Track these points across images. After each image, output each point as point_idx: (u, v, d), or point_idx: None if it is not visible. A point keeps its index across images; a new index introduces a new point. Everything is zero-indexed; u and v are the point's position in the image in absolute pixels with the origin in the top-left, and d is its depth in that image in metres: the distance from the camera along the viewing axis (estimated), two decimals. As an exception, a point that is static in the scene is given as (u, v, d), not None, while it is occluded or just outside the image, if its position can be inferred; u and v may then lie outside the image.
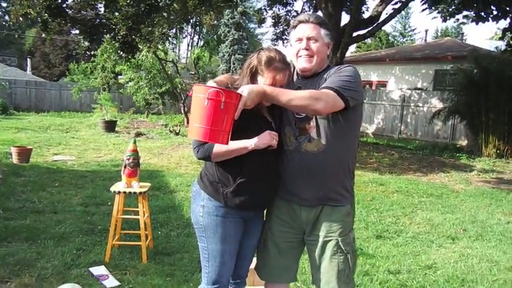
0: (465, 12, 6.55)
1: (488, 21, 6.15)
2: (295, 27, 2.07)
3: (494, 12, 6.17)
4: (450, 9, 6.20)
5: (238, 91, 1.74)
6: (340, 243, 2.01)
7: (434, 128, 13.35)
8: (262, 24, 15.20)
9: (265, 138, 1.88)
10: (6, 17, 37.02)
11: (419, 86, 15.62)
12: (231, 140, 1.77)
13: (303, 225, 2.06)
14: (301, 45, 2.01)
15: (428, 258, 3.89)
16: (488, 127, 10.52)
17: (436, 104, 13.12)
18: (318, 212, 2.02)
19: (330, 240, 2.01)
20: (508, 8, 5.90)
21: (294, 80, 2.10)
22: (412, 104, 14.22)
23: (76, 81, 20.60)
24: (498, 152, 10.32)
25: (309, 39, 2.00)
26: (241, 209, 2.01)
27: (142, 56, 15.32)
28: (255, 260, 2.27)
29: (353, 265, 2.08)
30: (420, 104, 13.98)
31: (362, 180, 7.12)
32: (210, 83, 1.87)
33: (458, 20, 7.85)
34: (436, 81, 14.92)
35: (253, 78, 1.95)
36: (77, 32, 11.99)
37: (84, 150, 9.28)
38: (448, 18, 6.50)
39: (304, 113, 1.95)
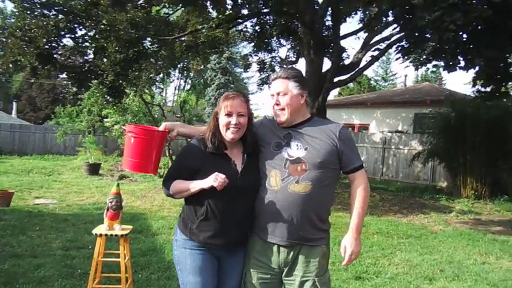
0: (435, 62, 7.03)
1: (456, 70, 6.58)
2: (270, 84, 2.27)
3: (462, 63, 6.63)
4: (421, 59, 6.61)
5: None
6: (317, 283, 2.11)
7: (415, 170, 13.65)
8: (248, 69, 15.58)
9: (208, 181, 2.01)
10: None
11: (399, 128, 16.09)
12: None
13: (281, 265, 2.15)
14: (273, 100, 2.21)
15: (405, 299, 3.96)
16: (466, 169, 10.83)
17: (416, 146, 13.50)
18: (296, 253, 2.12)
19: (307, 280, 2.11)
20: (475, 60, 6.35)
21: (277, 127, 2.25)
22: (393, 147, 14.59)
23: (61, 124, 20.60)
24: (476, 193, 10.57)
25: (278, 94, 2.20)
26: (206, 246, 2.13)
27: (129, 99, 15.53)
28: None
29: (329, 306, 2.17)
30: (401, 146, 14.36)
31: (344, 222, 7.19)
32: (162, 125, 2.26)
33: (428, 68, 8.35)
34: (415, 124, 15.39)
35: (216, 120, 2.16)
36: (65, 76, 12.19)
37: (66, 194, 9.23)
38: (419, 67, 6.93)
39: None
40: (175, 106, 22.22)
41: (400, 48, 7.61)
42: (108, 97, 11.16)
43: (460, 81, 55.86)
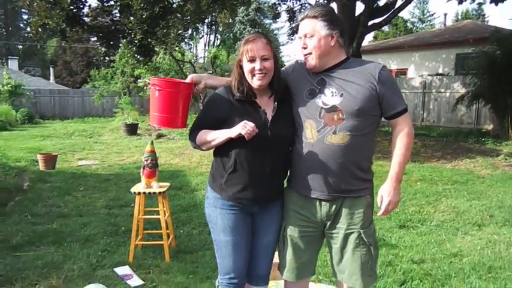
0: (481, -7, 6.34)
1: (505, 0, 5.91)
2: (299, 25, 2.05)
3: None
4: (466, -10, 6.00)
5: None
6: (362, 235, 1.99)
7: (458, 114, 13.03)
8: (277, 19, 15.08)
9: (236, 129, 1.88)
10: (28, 29, 38.03)
11: (440, 71, 15.28)
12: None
13: (324, 219, 2.03)
14: (300, 44, 2.00)
15: (453, 246, 3.81)
16: (514, 109, 10.19)
17: (459, 89, 12.81)
18: (339, 206, 1.99)
19: (352, 233, 2.00)
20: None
21: (310, 72, 2.04)
22: (433, 91, 13.93)
23: (97, 87, 21.01)
24: (526, 134, 9.99)
25: (305, 36, 1.98)
26: (236, 201, 2.03)
27: (160, 58, 15.48)
28: (277, 255, 2.24)
29: (375, 257, 2.06)
30: (442, 90, 13.68)
31: (385, 170, 6.95)
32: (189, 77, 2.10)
33: (474, 0, 7.62)
34: (457, 66, 14.55)
35: (240, 68, 1.98)
36: (95, 39, 12.21)
37: (107, 154, 9.48)
38: (463, 0, 6.29)
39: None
40: (206, 62, 22.04)
41: (441, -20, 6.94)
42: (138, 56, 11.10)
43: (505, 16, 51.88)
